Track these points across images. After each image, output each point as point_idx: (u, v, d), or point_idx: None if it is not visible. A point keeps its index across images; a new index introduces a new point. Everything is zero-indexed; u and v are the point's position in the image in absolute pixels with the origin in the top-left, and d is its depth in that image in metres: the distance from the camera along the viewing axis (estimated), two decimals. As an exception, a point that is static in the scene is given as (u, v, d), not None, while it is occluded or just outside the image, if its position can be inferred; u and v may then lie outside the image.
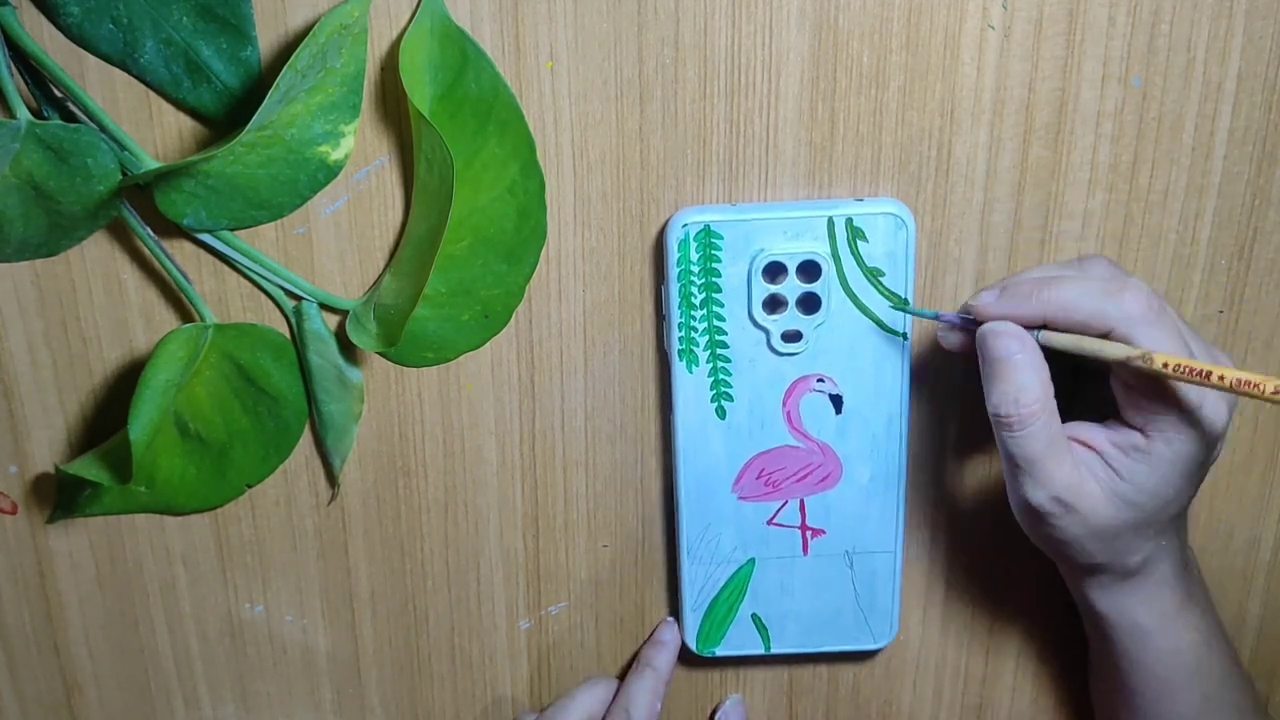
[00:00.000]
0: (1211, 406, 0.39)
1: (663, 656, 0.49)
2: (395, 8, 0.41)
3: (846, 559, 0.47)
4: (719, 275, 0.43)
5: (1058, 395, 0.40)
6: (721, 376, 0.45)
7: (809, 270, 0.43)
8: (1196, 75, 0.43)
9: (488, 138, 0.42)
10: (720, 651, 0.49)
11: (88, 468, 0.42)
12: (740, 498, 0.46)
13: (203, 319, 0.44)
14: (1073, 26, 0.42)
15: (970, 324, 0.42)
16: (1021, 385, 0.39)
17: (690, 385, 0.45)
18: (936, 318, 0.43)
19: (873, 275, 0.43)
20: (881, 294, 0.43)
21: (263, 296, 0.44)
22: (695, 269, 0.43)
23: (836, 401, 0.45)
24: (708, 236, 0.43)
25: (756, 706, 0.52)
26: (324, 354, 0.44)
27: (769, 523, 0.47)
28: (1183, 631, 0.43)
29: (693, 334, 0.44)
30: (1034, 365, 0.39)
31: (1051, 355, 0.40)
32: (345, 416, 0.46)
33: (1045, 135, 0.44)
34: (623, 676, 0.50)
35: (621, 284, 0.45)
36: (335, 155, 0.40)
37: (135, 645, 0.50)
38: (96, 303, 0.44)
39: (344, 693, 0.51)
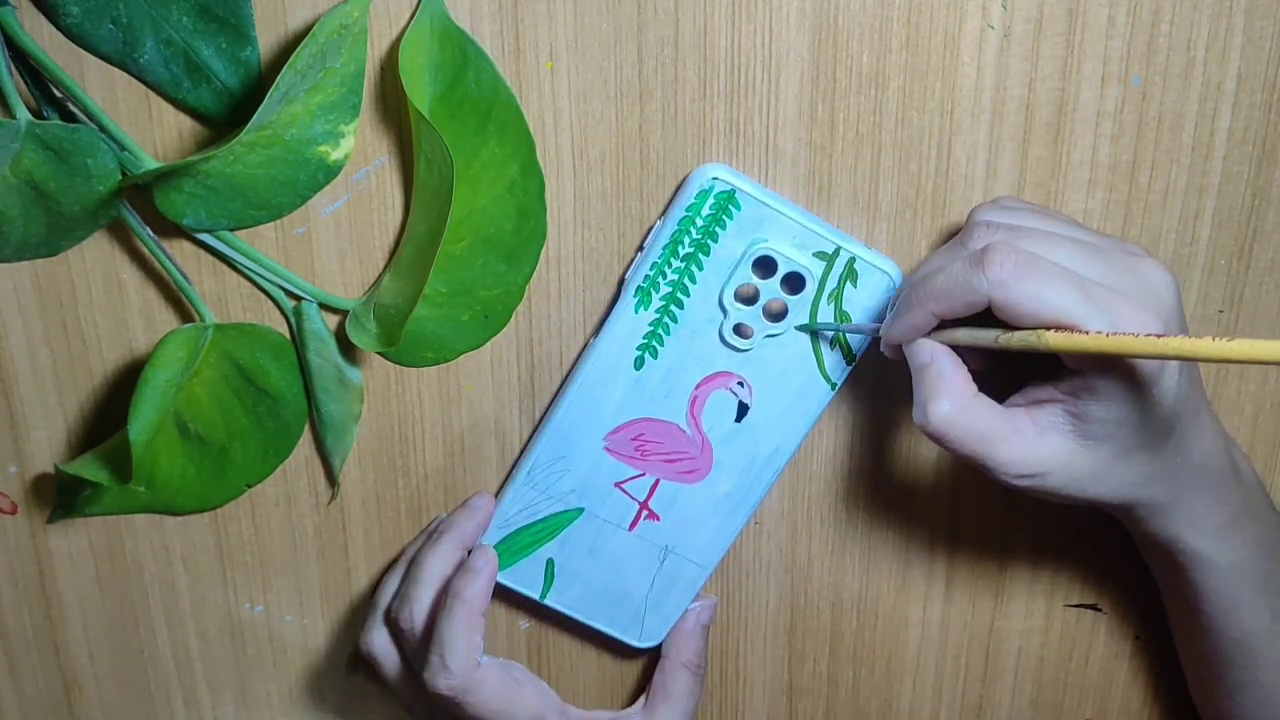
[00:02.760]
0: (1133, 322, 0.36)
1: (475, 586, 0.44)
2: (395, 8, 0.41)
3: (662, 553, 0.47)
4: (716, 241, 0.43)
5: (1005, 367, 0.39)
6: (659, 332, 0.44)
7: (793, 282, 0.43)
8: (1196, 75, 0.43)
9: (487, 138, 0.42)
10: (500, 578, 0.47)
11: (87, 468, 0.42)
12: (606, 449, 0.46)
13: (202, 319, 0.44)
14: (1072, 26, 0.42)
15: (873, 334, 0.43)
16: (927, 395, 0.38)
17: (627, 325, 0.44)
18: (839, 330, 0.43)
19: (842, 318, 0.43)
20: (836, 340, 0.44)
21: (263, 296, 0.44)
22: (699, 222, 0.42)
23: (741, 410, 0.45)
24: (728, 200, 0.42)
25: (756, 706, 0.52)
26: (324, 354, 0.44)
27: (617, 485, 0.46)
28: (1240, 546, 0.42)
29: (659, 279, 0.43)
30: (942, 371, 0.39)
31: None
32: (345, 416, 0.46)
33: (1045, 135, 0.44)
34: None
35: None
36: (335, 155, 0.40)
37: (135, 645, 0.50)
38: (96, 303, 0.44)
39: (343, 693, 0.51)
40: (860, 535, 0.50)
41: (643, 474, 0.46)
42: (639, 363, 0.45)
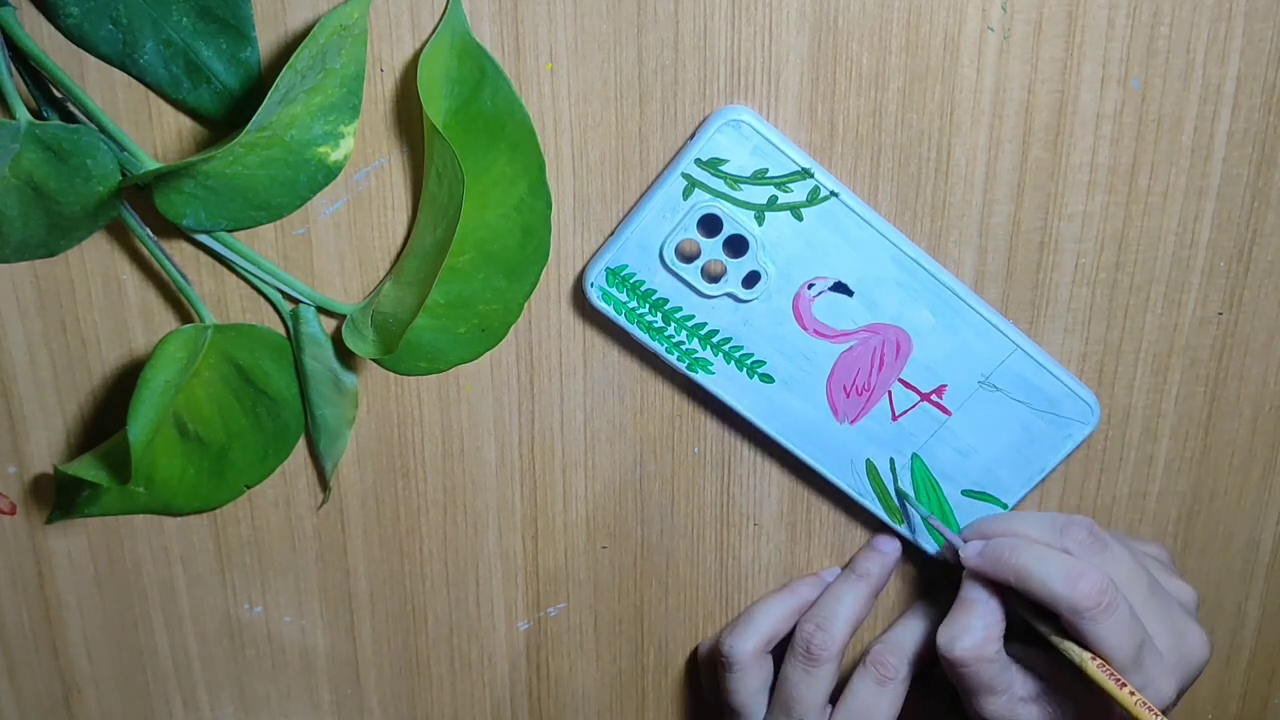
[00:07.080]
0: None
1: (877, 563, 0.48)
2: (395, 9, 0.41)
3: (989, 387, 0.45)
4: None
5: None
6: (743, 356, 0.44)
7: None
8: (1196, 77, 0.43)
9: (498, 155, 0.42)
10: (969, 537, 0.47)
11: (87, 468, 0.42)
12: (852, 421, 0.45)
13: (202, 320, 0.44)
14: (1072, 28, 0.42)
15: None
16: (962, 626, 0.43)
17: (723, 382, 0.44)
18: (925, 516, 0.46)
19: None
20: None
21: (262, 297, 0.44)
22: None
23: (842, 288, 0.43)
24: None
25: (755, 708, 0.52)
26: (319, 358, 0.44)
27: (894, 420, 0.45)
28: None
29: (686, 346, 0.44)
30: (987, 615, 0.43)
31: None
32: (339, 421, 0.46)
33: (1044, 137, 0.44)
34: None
35: (621, 285, 0.45)
36: (335, 156, 0.40)
37: (134, 646, 0.50)
38: (96, 303, 0.44)
39: (343, 694, 0.51)
40: (859, 537, 0.50)
41: (889, 393, 0.45)
42: (767, 379, 0.44)
